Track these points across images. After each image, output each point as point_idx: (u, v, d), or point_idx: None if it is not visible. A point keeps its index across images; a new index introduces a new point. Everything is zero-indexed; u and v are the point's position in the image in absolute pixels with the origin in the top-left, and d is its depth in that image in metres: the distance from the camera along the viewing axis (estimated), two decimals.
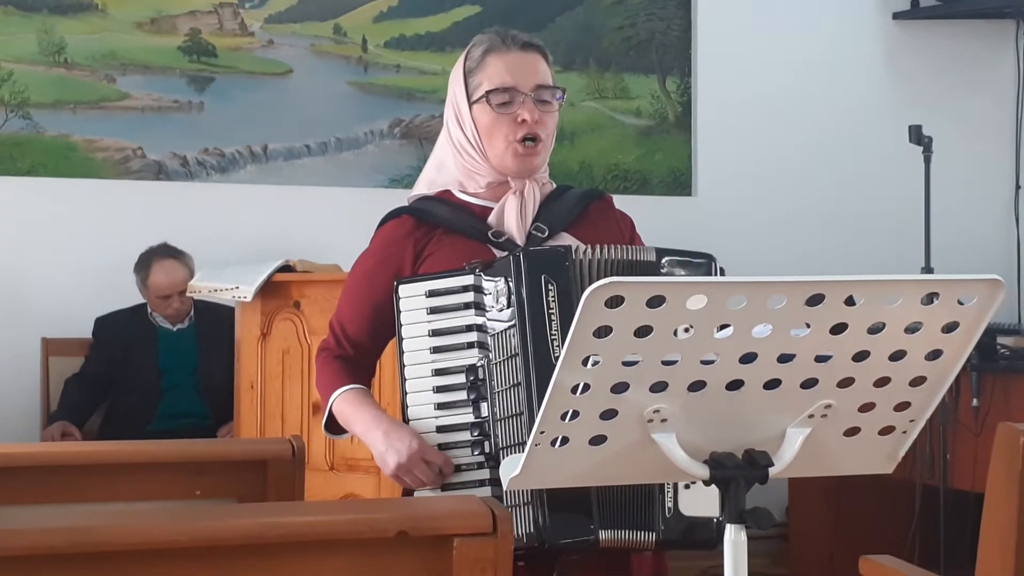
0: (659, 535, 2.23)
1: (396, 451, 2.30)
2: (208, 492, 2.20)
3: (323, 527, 1.54)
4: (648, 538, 2.23)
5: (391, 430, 2.34)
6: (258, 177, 5.46)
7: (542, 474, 1.75)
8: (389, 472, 2.33)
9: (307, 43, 5.58)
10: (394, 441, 2.31)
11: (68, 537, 1.46)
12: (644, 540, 2.23)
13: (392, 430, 2.33)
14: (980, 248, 6.14)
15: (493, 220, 2.46)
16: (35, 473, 2.21)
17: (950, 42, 6.30)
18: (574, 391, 1.65)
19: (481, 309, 2.30)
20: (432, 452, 2.30)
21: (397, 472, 2.31)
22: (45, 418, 4.97)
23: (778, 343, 1.66)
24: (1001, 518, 2.23)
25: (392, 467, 2.31)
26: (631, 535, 2.23)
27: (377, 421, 2.38)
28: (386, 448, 2.32)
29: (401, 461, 2.29)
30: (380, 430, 2.35)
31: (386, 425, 2.35)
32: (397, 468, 2.30)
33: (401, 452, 2.30)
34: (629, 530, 2.23)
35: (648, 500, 2.23)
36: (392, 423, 2.36)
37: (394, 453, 2.30)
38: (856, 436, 1.79)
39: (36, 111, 5.19)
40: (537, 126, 2.44)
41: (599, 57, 5.95)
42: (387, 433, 2.33)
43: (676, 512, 2.22)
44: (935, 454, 4.68)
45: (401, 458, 2.29)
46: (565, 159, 5.72)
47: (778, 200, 6.00)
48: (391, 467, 2.31)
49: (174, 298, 4.96)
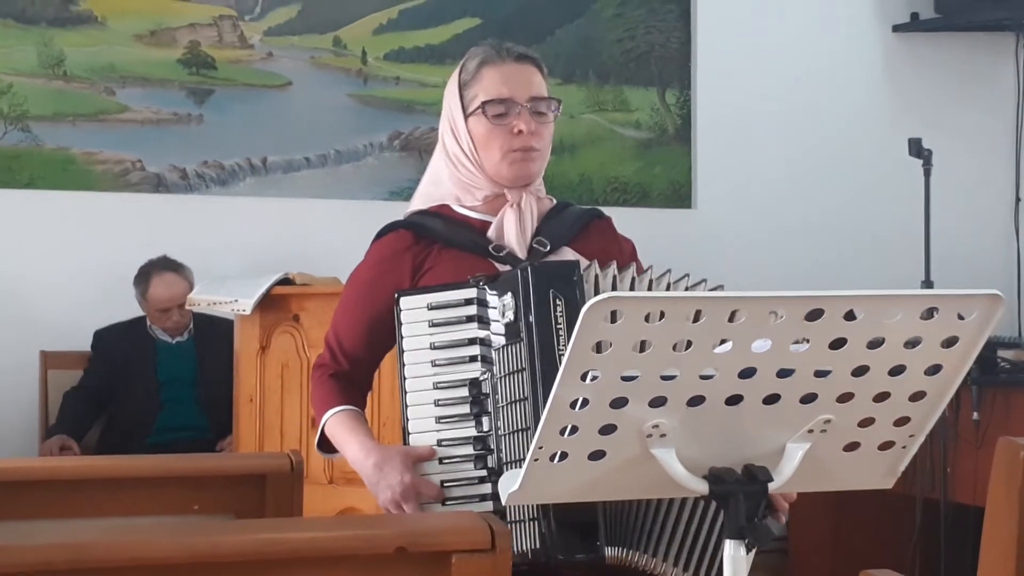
0: None
1: (389, 486, 2.28)
2: (206, 507, 2.19)
3: (321, 543, 1.54)
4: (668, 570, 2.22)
5: (383, 462, 2.31)
6: (258, 190, 5.46)
7: (541, 489, 1.75)
8: (380, 504, 2.32)
9: (307, 56, 5.58)
10: (387, 475, 2.29)
11: (65, 553, 1.45)
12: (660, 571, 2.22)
13: (384, 462, 2.31)
14: (980, 261, 6.14)
15: (493, 234, 2.45)
16: (33, 488, 2.20)
17: (950, 55, 6.30)
18: (573, 406, 1.65)
19: (484, 323, 2.28)
20: (425, 484, 2.28)
21: (388, 506, 2.30)
22: (43, 431, 4.97)
23: (777, 358, 1.65)
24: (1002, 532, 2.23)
25: (385, 500, 2.30)
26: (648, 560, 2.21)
27: (367, 451, 2.36)
28: (378, 481, 2.30)
29: (395, 496, 2.28)
30: (371, 460, 2.33)
31: (376, 456, 2.33)
32: (390, 502, 2.29)
33: (394, 487, 2.28)
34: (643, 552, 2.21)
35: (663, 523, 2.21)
36: (383, 453, 2.33)
37: (386, 488, 2.29)
38: (856, 451, 1.79)
39: (35, 124, 5.19)
40: (533, 138, 2.43)
41: (599, 69, 5.96)
42: (378, 465, 2.31)
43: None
44: (936, 468, 4.68)
45: (394, 493, 2.28)
46: (565, 171, 5.73)
47: (778, 213, 6.00)
48: (383, 500, 2.30)
49: (173, 311, 4.95)
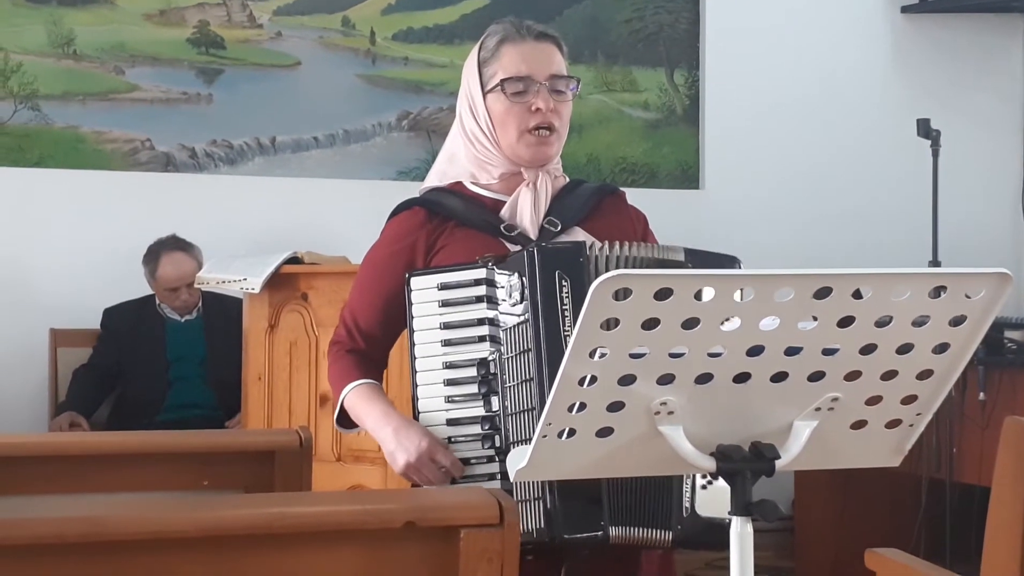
0: (675, 534, 2.22)
1: (406, 450, 2.30)
2: (215, 483, 2.20)
3: (330, 518, 1.55)
4: (663, 537, 2.22)
5: (401, 428, 2.33)
6: (266, 169, 5.47)
7: (549, 466, 1.75)
8: (398, 470, 2.33)
9: (315, 35, 5.58)
10: (404, 439, 2.31)
11: (76, 527, 1.46)
12: (659, 539, 2.22)
13: (402, 428, 2.33)
14: (988, 241, 6.14)
15: (506, 213, 2.46)
16: (43, 463, 2.21)
17: (958, 35, 6.29)
18: (581, 383, 1.65)
19: (493, 303, 2.29)
20: (442, 452, 2.29)
21: (406, 471, 2.31)
22: (53, 408, 4.99)
23: (785, 336, 1.66)
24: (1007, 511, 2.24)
25: (401, 465, 2.31)
26: (644, 532, 2.22)
27: (387, 418, 2.37)
28: (396, 446, 2.32)
29: (411, 460, 2.29)
30: (390, 427, 2.35)
31: (396, 422, 2.35)
32: (406, 467, 2.30)
33: (410, 451, 2.29)
34: (642, 527, 2.22)
35: (662, 497, 2.22)
36: (402, 420, 2.35)
37: (403, 452, 2.30)
38: (863, 429, 1.79)
39: (45, 103, 5.20)
40: (551, 115, 2.44)
41: (607, 50, 5.95)
42: (397, 431, 2.33)
43: (692, 512, 2.21)
44: (942, 448, 4.69)
45: (411, 457, 2.29)
46: (573, 152, 5.71)
47: (785, 193, 6.00)
48: (400, 465, 2.31)
49: (182, 290, 4.97)
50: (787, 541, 5.42)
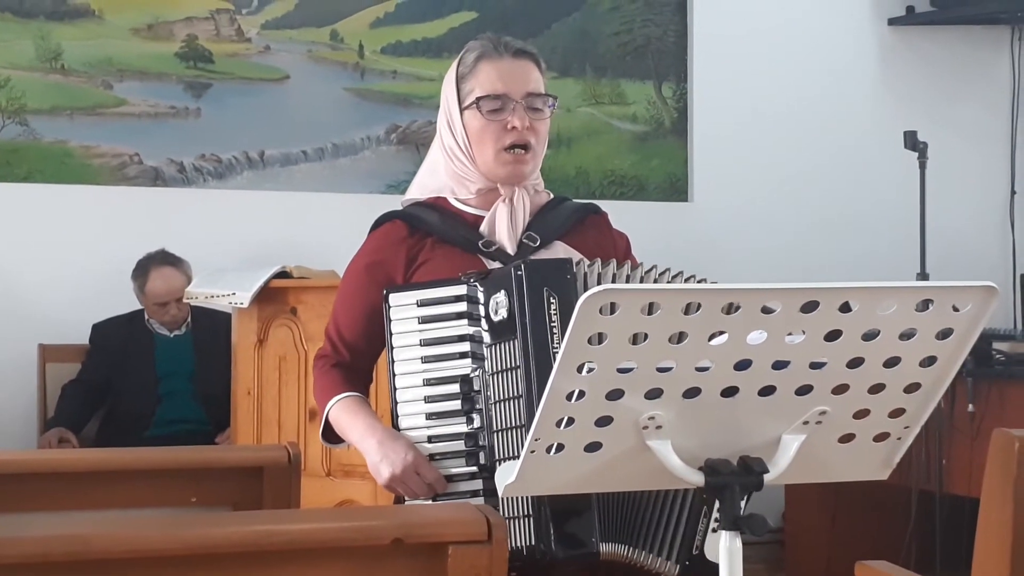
0: (682, 569, 2.21)
1: (391, 462, 2.30)
2: (204, 499, 2.20)
3: (318, 535, 1.54)
4: (670, 569, 2.22)
5: (386, 440, 2.33)
6: (255, 183, 5.47)
7: (537, 481, 1.75)
8: (382, 482, 2.33)
9: (304, 49, 5.59)
10: (389, 451, 2.31)
11: (63, 545, 1.45)
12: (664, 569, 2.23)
13: (387, 440, 2.33)
14: (976, 253, 6.15)
15: (484, 229, 2.46)
16: (31, 480, 2.20)
17: (945, 48, 6.31)
18: (569, 398, 1.65)
19: (474, 319, 2.28)
20: (426, 466, 2.29)
21: (391, 483, 2.31)
22: (42, 424, 4.97)
23: (773, 350, 1.66)
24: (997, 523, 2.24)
25: (386, 477, 2.31)
26: (639, 554, 2.22)
27: (372, 430, 2.37)
28: (381, 458, 2.32)
29: (395, 472, 2.29)
30: (375, 439, 2.35)
31: (380, 435, 2.35)
32: (391, 478, 2.30)
33: (395, 463, 2.29)
34: (634, 547, 2.22)
35: (654, 515, 2.22)
36: (387, 433, 2.35)
37: (388, 464, 2.30)
38: (851, 443, 1.80)
39: (33, 117, 5.19)
40: (528, 133, 2.44)
41: (595, 63, 5.96)
42: (382, 443, 2.33)
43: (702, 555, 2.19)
44: (931, 459, 4.69)
45: (396, 469, 2.29)
46: (562, 165, 5.73)
47: (774, 206, 6.01)
48: (384, 477, 2.31)
49: (171, 305, 4.96)
50: (777, 554, 5.42)
